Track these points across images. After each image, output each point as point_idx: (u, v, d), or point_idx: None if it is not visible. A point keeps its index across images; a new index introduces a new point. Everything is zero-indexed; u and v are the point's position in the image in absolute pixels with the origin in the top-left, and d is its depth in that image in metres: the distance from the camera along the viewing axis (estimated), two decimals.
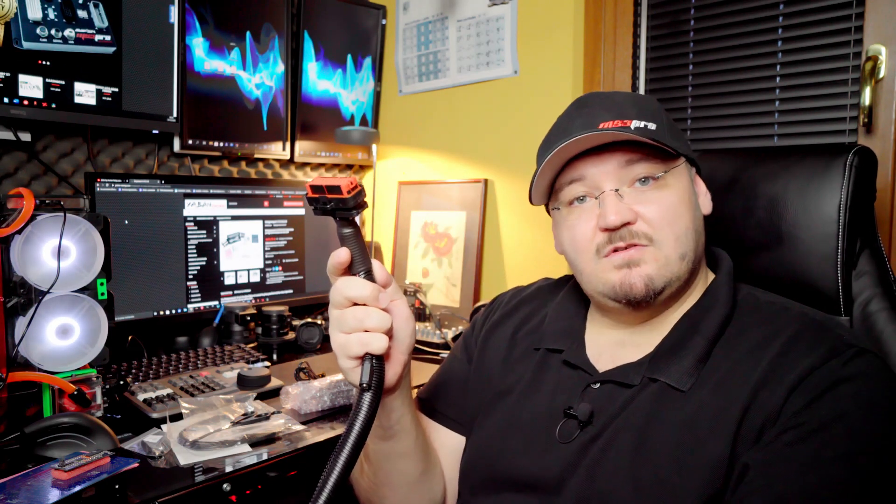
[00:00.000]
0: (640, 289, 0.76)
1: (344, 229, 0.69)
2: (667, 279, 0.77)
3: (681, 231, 0.77)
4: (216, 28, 1.85)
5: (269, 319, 1.74)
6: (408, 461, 0.87)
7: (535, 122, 1.91)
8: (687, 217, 0.79)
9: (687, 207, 0.79)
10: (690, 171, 0.85)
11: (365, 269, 0.70)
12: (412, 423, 0.85)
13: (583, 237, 0.80)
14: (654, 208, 0.77)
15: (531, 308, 0.98)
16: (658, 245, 0.77)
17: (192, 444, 1.07)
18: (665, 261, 0.77)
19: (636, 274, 0.77)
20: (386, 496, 0.90)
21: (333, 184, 0.64)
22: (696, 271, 0.82)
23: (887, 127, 1.43)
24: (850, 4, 1.47)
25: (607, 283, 0.79)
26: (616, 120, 0.78)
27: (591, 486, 0.74)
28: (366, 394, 0.65)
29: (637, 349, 0.82)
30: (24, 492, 0.88)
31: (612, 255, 0.78)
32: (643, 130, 0.77)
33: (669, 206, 0.77)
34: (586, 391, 0.82)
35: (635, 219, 0.77)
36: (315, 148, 2.18)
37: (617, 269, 0.78)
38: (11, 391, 1.09)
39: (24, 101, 1.46)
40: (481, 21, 2.00)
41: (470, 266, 2.03)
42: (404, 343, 0.76)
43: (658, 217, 0.77)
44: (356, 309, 0.69)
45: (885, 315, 0.91)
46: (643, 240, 0.77)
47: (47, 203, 1.12)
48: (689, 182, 0.83)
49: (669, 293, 0.79)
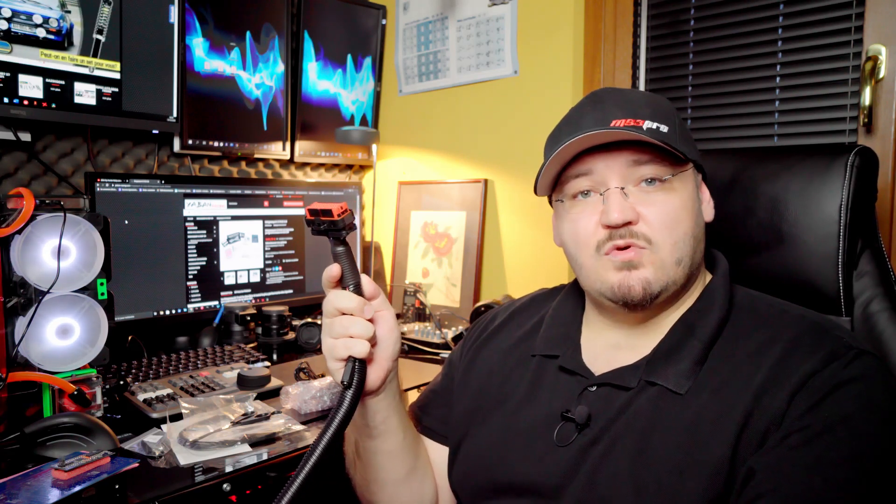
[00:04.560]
0: (637, 292, 0.77)
1: (336, 248, 0.78)
2: (663, 283, 0.78)
3: (679, 236, 0.78)
4: (216, 28, 1.85)
5: (269, 319, 1.74)
6: (394, 460, 0.90)
7: (535, 122, 1.91)
8: (687, 223, 0.79)
9: (689, 213, 0.80)
10: (697, 177, 0.85)
11: (354, 283, 0.78)
12: (399, 425, 0.88)
13: (585, 231, 0.81)
14: (656, 211, 0.78)
15: (525, 317, 1.00)
16: (655, 248, 0.77)
17: (192, 444, 1.07)
18: (661, 264, 0.78)
19: (635, 277, 0.77)
20: (375, 493, 0.94)
21: (326, 208, 0.75)
22: (693, 276, 0.83)
23: (887, 127, 1.43)
24: (850, 4, 1.47)
25: (605, 282, 0.80)
26: (629, 118, 0.78)
27: (592, 492, 0.75)
28: (347, 391, 0.74)
29: (633, 352, 0.83)
30: (24, 492, 0.88)
31: (613, 254, 0.78)
32: (655, 132, 0.77)
33: (671, 210, 0.78)
34: (583, 394, 0.82)
35: (637, 219, 0.77)
36: (315, 148, 2.18)
37: (616, 271, 0.78)
38: (11, 391, 1.09)
39: (24, 101, 1.46)
40: (481, 21, 2.00)
41: (470, 266, 2.03)
42: (388, 350, 0.82)
43: (659, 220, 0.77)
44: (343, 318, 0.77)
45: (886, 315, 0.91)
46: (641, 241, 0.77)
47: (47, 203, 1.12)
48: (695, 188, 0.83)
49: (666, 297, 0.80)
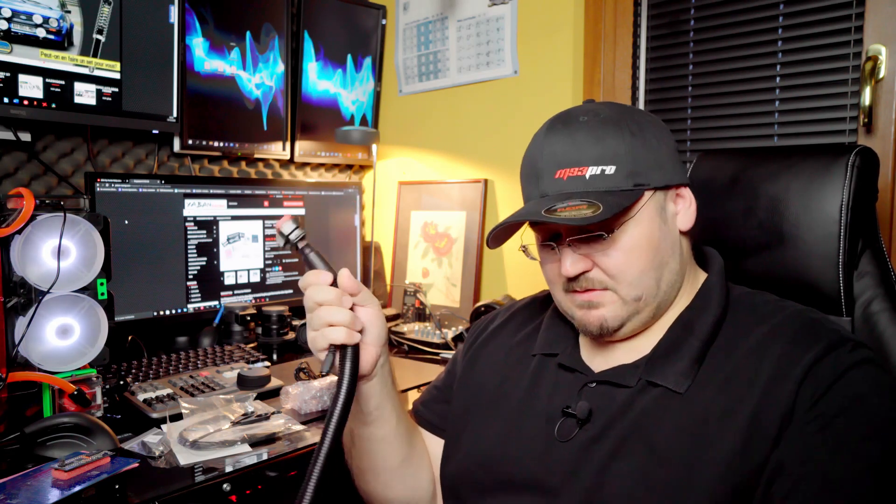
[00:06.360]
0: (595, 328, 0.83)
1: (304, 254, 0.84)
2: (621, 320, 0.82)
3: (635, 276, 0.80)
4: (216, 28, 1.85)
5: (269, 319, 1.74)
6: (389, 447, 0.93)
7: (535, 122, 1.88)
8: (644, 259, 0.80)
9: (646, 248, 0.80)
10: (665, 195, 0.83)
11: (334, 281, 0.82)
12: (392, 412, 0.91)
13: (552, 274, 0.87)
14: (608, 259, 0.80)
15: (525, 318, 1.02)
16: (613, 289, 0.81)
17: (192, 444, 1.07)
18: (621, 303, 0.81)
19: (593, 315, 0.82)
20: (369, 482, 0.96)
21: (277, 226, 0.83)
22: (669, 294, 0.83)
23: (887, 127, 1.43)
24: (850, 4, 1.47)
25: (573, 315, 0.86)
26: (573, 167, 0.80)
27: (601, 490, 0.76)
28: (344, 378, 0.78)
29: (632, 351, 0.85)
30: (24, 492, 0.88)
31: (574, 295, 0.84)
32: (599, 178, 0.79)
33: (623, 255, 0.80)
34: (583, 391, 0.84)
35: (591, 266, 0.81)
36: (315, 148, 2.18)
37: (578, 308, 0.84)
38: (11, 391, 1.09)
39: (24, 101, 1.46)
40: (481, 21, 2.00)
41: (470, 266, 2.03)
42: (373, 335, 0.85)
43: (611, 267, 0.80)
44: (321, 309, 0.81)
45: (887, 316, 0.91)
46: (598, 286, 0.81)
47: (47, 203, 1.12)
48: (655, 215, 0.81)
49: (631, 328, 0.83)
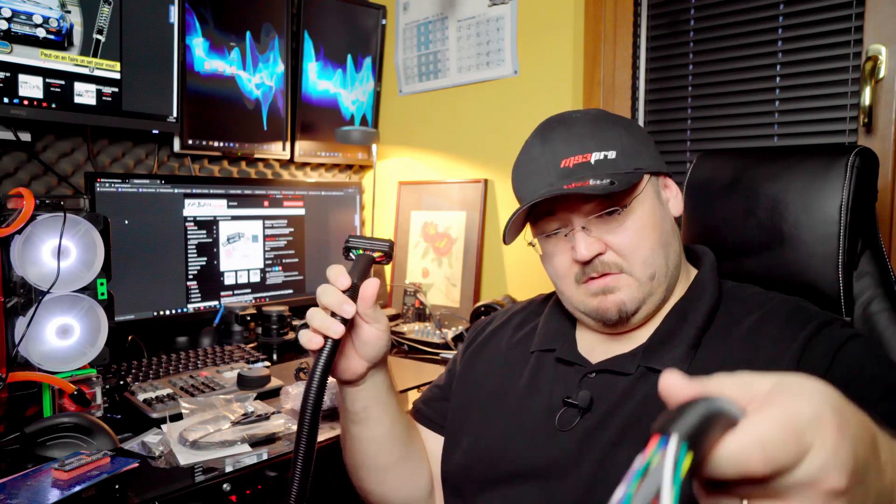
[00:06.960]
0: (613, 313, 0.84)
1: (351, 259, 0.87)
2: (639, 301, 0.83)
3: (647, 254, 0.83)
4: (216, 28, 1.85)
5: (269, 319, 1.73)
6: (379, 447, 0.93)
7: (535, 122, 1.87)
8: (652, 237, 0.83)
9: (651, 228, 0.84)
10: (658, 181, 0.88)
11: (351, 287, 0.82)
12: (383, 415, 0.91)
13: (562, 266, 0.87)
14: (621, 238, 0.83)
15: (523, 319, 1.04)
16: (628, 271, 0.83)
17: (192, 444, 1.07)
18: (637, 284, 0.83)
19: (610, 300, 0.83)
20: (363, 478, 0.97)
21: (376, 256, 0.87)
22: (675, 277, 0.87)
23: (887, 127, 1.43)
24: (850, 4, 1.47)
25: (587, 306, 0.86)
26: (577, 155, 0.83)
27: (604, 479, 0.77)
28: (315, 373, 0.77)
29: (628, 342, 0.87)
30: (24, 492, 0.88)
31: (589, 283, 0.84)
32: (603, 162, 0.83)
33: (634, 233, 0.83)
34: (584, 381, 0.86)
35: (605, 249, 0.83)
36: (315, 148, 2.18)
37: (594, 296, 0.84)
38: (11, 391, 1.09)
39: (24, 101, 1.46)
40: (481, 21, 2.00)
41: (470, 266, 2.03)
42: (369, 353, 0.84)
43: (625, 246, 0.83)
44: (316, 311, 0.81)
45: (886, 316, 0.91)
46: (614, 269, 0.83)
47: (47, 203, 1.12)
48: (654, 197, 0.86)
49: (646, 312, 0.85)
